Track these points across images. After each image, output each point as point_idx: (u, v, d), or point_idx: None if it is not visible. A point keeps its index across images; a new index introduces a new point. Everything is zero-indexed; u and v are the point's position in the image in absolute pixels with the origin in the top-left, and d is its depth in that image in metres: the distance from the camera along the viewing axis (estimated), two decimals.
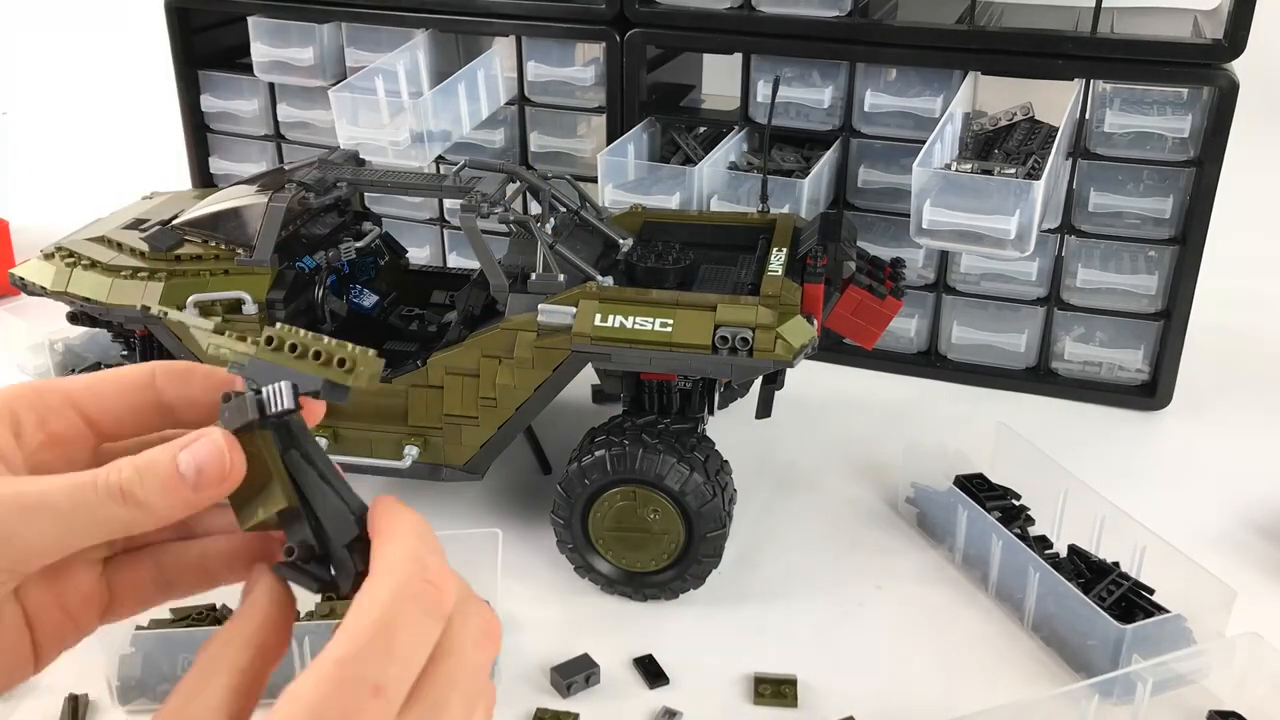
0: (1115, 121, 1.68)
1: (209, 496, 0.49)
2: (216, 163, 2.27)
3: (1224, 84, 1.59)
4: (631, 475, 1.30)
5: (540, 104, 1.96)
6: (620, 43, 1.82)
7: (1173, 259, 1.72)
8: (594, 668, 1.24)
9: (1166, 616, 1.22)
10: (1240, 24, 1.56)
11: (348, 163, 1.51)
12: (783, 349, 1.26)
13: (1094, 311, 1.79)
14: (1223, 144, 1.62)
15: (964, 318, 1.87)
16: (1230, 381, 1.89)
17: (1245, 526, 1.52)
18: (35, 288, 1.47)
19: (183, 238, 1.46)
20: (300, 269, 1.46)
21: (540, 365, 1.33)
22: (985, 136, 1.76)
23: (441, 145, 1.80)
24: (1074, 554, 1.35)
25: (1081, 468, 1.46)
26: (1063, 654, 1.28)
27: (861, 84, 1.78)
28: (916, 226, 1.52)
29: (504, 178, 1.43)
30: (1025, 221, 1.47)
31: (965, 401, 1.83)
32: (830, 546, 1.48)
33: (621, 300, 1.31)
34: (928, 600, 1.38)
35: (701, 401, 1.41)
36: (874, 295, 1.41)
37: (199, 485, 0.48)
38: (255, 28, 2.04)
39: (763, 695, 1.21)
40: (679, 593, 1.36)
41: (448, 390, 1.38)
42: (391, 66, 1.82)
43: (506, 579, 1.35)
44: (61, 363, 1.82)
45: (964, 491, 1.43)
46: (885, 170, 1.83)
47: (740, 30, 1.78)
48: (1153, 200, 1.71)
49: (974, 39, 1.68)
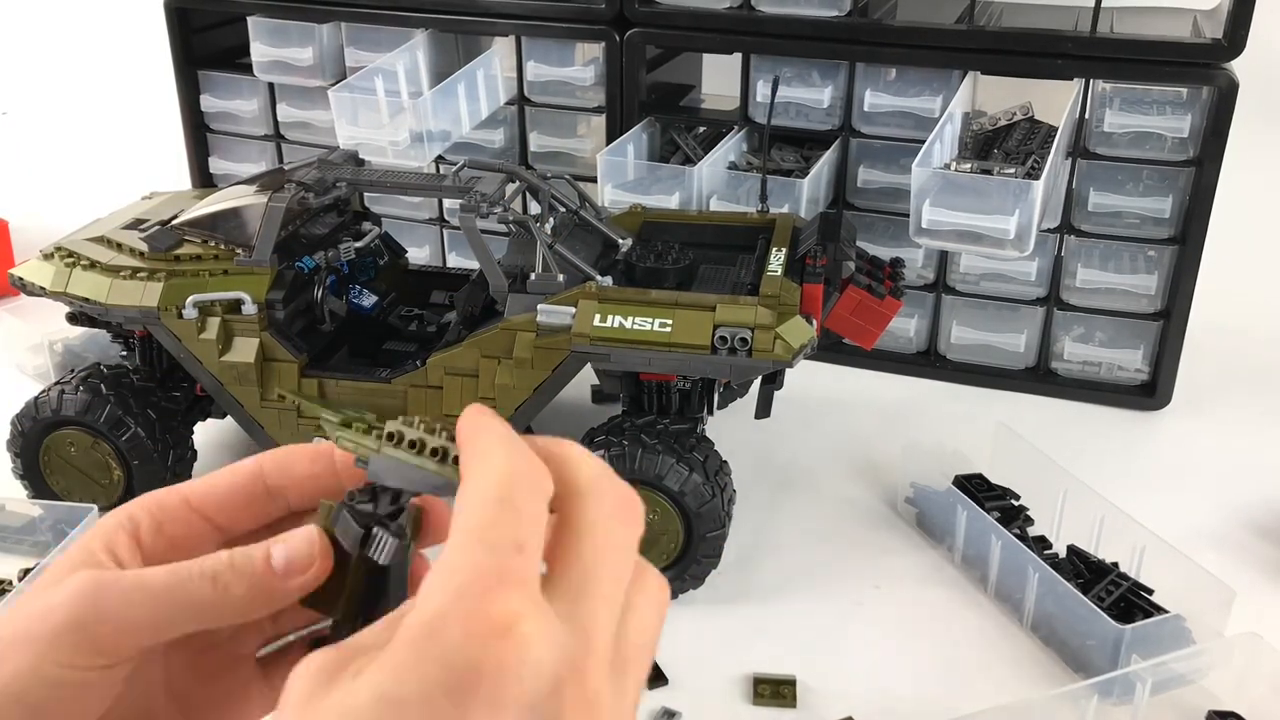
0: (1115, 121, 1.67)
1: (296, 587, 0.50)
2: (216, 163, 2.27)
3: (1223, 84, 1.59)
4: (631, 475, 1.30)
5: (540, 104, 1.96)
6: (620, 43, 1.82)
7: (1172, 259, 1.72)
8: None
9: (1165, 616, 1.22)
10: (1240, 24, 1.56)
11: (347, 163, 1.51)
12: (782, 349, 1.26)
13: (1093, 311, 1.79)
14: (1222, 144, 1.62)
15: (963, 318, 1.87)
16: (1230, 381, 1.88)
17: (1244, 526, 1.52)
18: (35, 288, 1.47)
19: (182, 238, 1.46)
20: (300, 269, 1.46)
21: (539, 365, 1.33)
22: (985, 136, 1.76)
23: (441, 145, 1.80)
24: (1073, 554, 1.35)
25: (1081, 468, 1.46)
26: (1062, 654, 1.28)
27: (861, 84, 1.78)
28: (916, 226, 1.52)
29: (503, 178, 1.43)
30: (1025, 221, 1.47)
31: (964, 401, 1.83)
32: (829, 546, 1.48)
33: (621, 300, 1.31)
34: (927, 600, 1.38)
35: (701, 402, 1.41)
36: (873, 295, 1.41)
37: (287, 573, 0.50)
38: (255, 28, 2.04)
39: (762, 695, 1.22)
40: (678, 593, 1.36)
41: (447, 390, 1.38)
42: (391, 66, 1.82)
43: None
44: (61, 363, 1.82)
45: (963, 491, 1.43)
46: (885, 170, 1.82)
47: (740, 30, 1.78)
48: (1152, 200, 1.71)
49: (973, 39, 1.68)
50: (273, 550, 0.50)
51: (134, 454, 1.44)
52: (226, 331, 1.42)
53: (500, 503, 0.43)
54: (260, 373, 1.42)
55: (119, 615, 0.47)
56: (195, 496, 0.53)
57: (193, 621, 0.49)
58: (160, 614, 0.48)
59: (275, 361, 1.42)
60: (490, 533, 0.42)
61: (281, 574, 0.50)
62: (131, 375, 1.47)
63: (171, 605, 0.48)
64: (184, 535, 0.53)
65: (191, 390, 1.54)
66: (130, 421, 1.42)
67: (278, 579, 0.50)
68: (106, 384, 1.44)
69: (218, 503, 0.53)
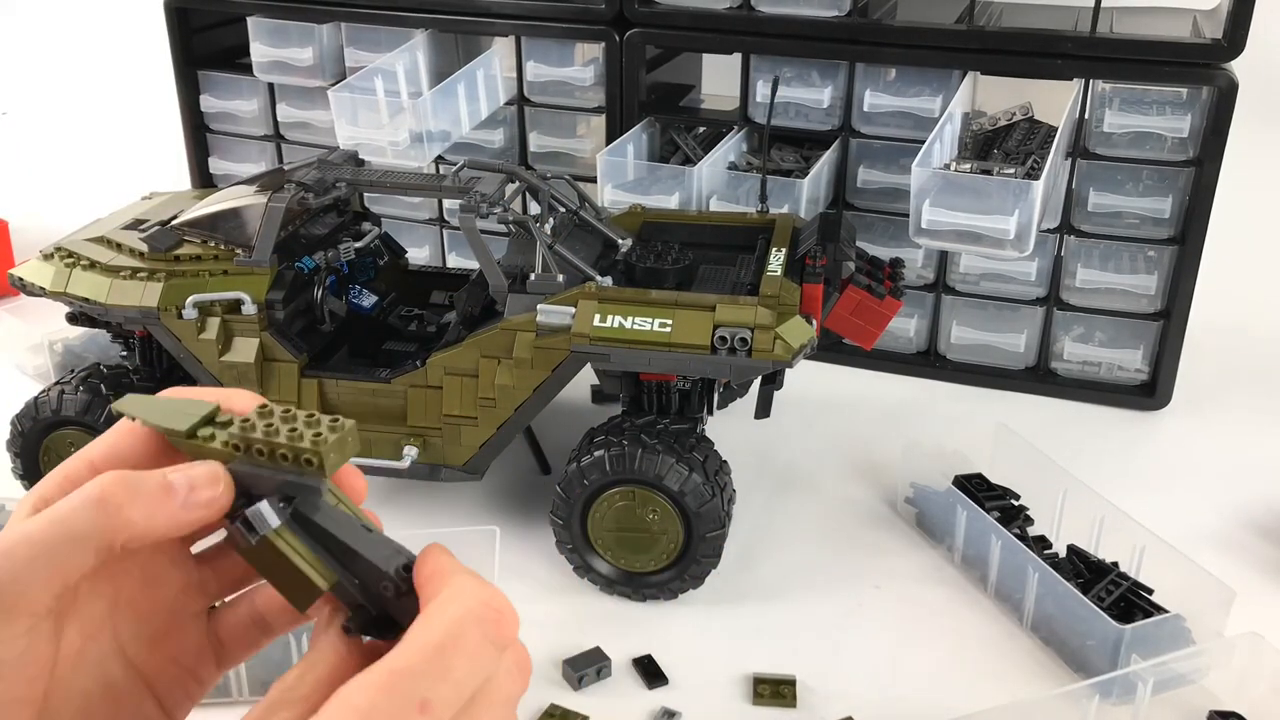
0: (1114, 121, 1.68)
1: (197, 518, 0.50)
2: (216, 163, 2.27)
3: (1223, 84, 1.59)
4: (630, 475, 1.30)
5: (540, 104, 1.96)
6: (620, 43, 1.82)
7: (1172, 259, 1.72)
8: (605, 661, 1.24)
9: (1165, 616, 1.22)
10: (1239, 24, 1.56)
11: (347, 163, 1.51)
12: (781, 349, 1.26)
13: (1093, 311, 1.79)
14: (1222, 144, 1.62)
15: (963, 318, 1.87)
16: (1230, 381, 1.88)
17: (1244, 526, 1.52)
18: (35, 288, 1.47)
19: (182, 238, 1.46)
20: (299, 269, 1.46)
21: (539, 365, 1.33)
22: (984, 136, 1.76)
23: (441, 145, 1.80)
24: (1073, 554, 1.35)
25: (1080, 467, 1.46)
26: (1062, 654, 1.28)
27: (861, 84, 1.78)
28: (916, 226, 1.52)
29: (503, 178, 1.43)
30: (1024, 221, 1.47)
31: (964, 401, 1.83)
32: (829, 547, 1.48)
33: (620, 300, 1.31)
34: (927, 600, 1.38)
35: (700, 402, 1.41)
36: (873, 295, 1.41)
37: (189, 502, 0.50)
38: (255, 28, 2.04)
39: (762, 695, 1.22)
40: (678, 593, 1.36)
41: (447, 390, 1.38)
42: (391, 67, 1.82)
43: (505, 579, 1.35)
44: (61, 363, 1.83)
45: (963, 491, 1.43)
46: (884, 170, 1.83)
47: (740, 30, 1.78)
48: (1152, 200, 1.71)
49: (973, 39, 1.68)
50: (171, 476, 0.50)
51: None
52: (226, 331, 1.42)
53: (436, 650, 0.45)
54: (260, 373, 1.42)
55: (12, 575, 0.47)
56: (100, 460, 0.53)
57: (88, 552, 0.48)
58: (54, 555, 0.47)
59: (275, 361, 1.42)
60: (405, 680, 0.44)
61: (182, 500, 0.49)
62: (131, 375, 1.47)
63: (63, 542, 0.48)
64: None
65: None
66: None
67: (177, 503, 0.49)
68: (106, 384, 1.44)
69: (123, 463, 0.53)
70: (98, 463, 0.53)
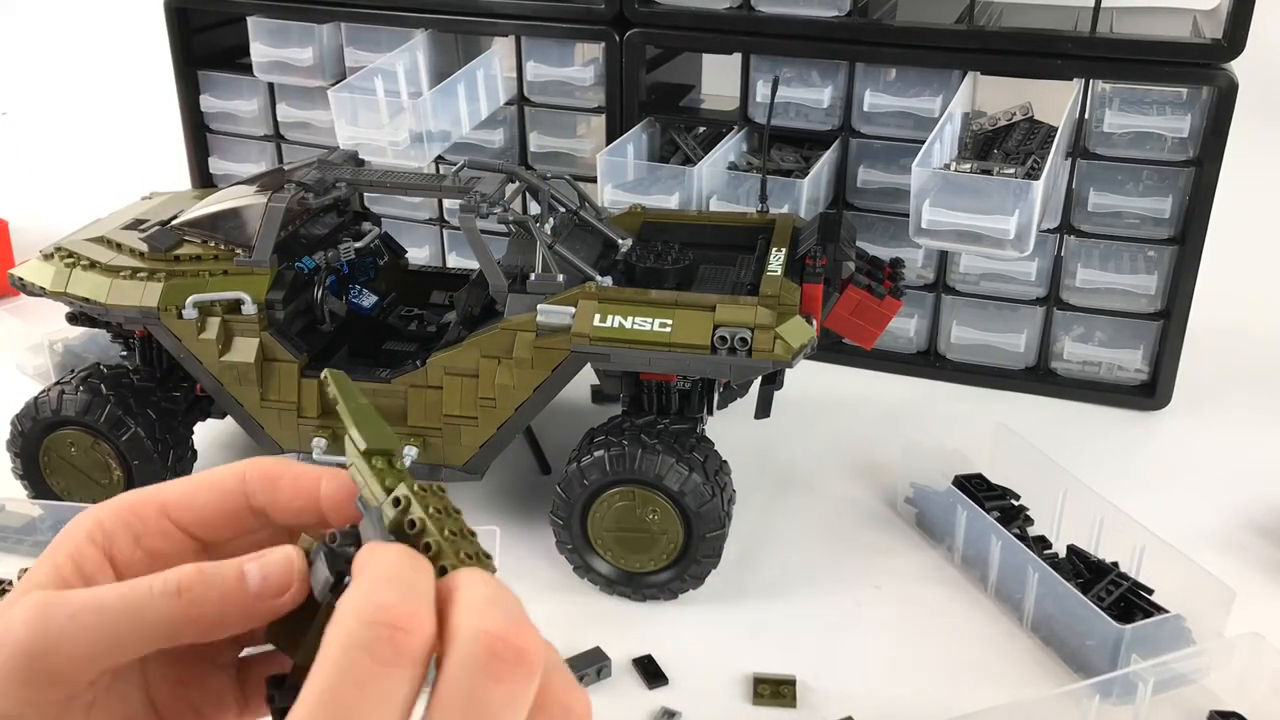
0: (1114, 121, 1.67)
1: (269, 608, 0.47)
2: (216, 163, 2.27)
3: (1223, 84, 1.59)
4: (630, 476, 1.30)
5: (540, 104, 1.96)
6: (620, 43, 1.82)
7: (1172, 259, 1.72)
8: (605, 661, 1.24)
9: (1166, 616, 1.22)
10: (1239, 24, 1.56)
11: (347, 163, 1.51)
12: (781, 349, 1.26)
13: (1093, 311, 1.79)
14: (1222, 144, 1.62)
15: (963, 318, 1.87)
16: (1230, 381, 1.88)
17: (1244, 526, 1.52)
18: (35, 288, 1.47)
19: (182, 238, 1.46)
20: (299, 269, 1.46)
21: (539, 365, 1.33)
22: (984, 136, 1.76)
23: (441, 145, 1.80)
24: (1073, 554, 1.35)
25: (1080, 468, 1.46)
26: (1062, 654, 1.28)
27: (861, 84, 1.78)
28: (916, 226, 1.52)
29: (503, 178, 1.43)
30: (1024, 221, 1.47)
31: (964, 401, 1.83)
32: (829, 547, 1.48)
33: (620, 300, 1.31)
34: (927, 600, 1.38)
35: (700, 402, 1.41)
36: (873, 295, 1.41)
37: (262, 593, 0.47)
38: (255, 28, 2.04)
39: (762, 695, 1.22)
40: (678, 593, 1.36)
41: (447, 391, 1.38)
42: (391, 67, 1.82)
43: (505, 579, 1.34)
44: (61, 363, 1.82)
45: (963, 491, 1.43)
46: (884, 170, 1.82)
47: (740, 30, 1.78)
48: (1152, 200, 1.71)
49: (973, 39, 1.68)
50: (246, 568, 0.47)
51: (134, 454, 1.44)
52: (226, 331, 1.42)
53: (318, 702, 0.39)
54: (260, 373, 1.42)
55: (72, 642, 0.44)
56: (174, 507, 0.51)
57: (154, 641, 0.46)
58: (119, 636, 0.45)
59: (275, 361, 1.42)
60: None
61: (255, 593, 0.47)
62: (131, 375, 1.47)
63: (131, 625, 0.45)
64: (161, 547, 0.50)
65: (191, 390, 1.54)
66: (130, 421, 1.42)
67: (250, 597, 0.47)
68: (106, 384, 1.44)
69: (197, 516, 0.51)
70: (170, 508, 0.50)
